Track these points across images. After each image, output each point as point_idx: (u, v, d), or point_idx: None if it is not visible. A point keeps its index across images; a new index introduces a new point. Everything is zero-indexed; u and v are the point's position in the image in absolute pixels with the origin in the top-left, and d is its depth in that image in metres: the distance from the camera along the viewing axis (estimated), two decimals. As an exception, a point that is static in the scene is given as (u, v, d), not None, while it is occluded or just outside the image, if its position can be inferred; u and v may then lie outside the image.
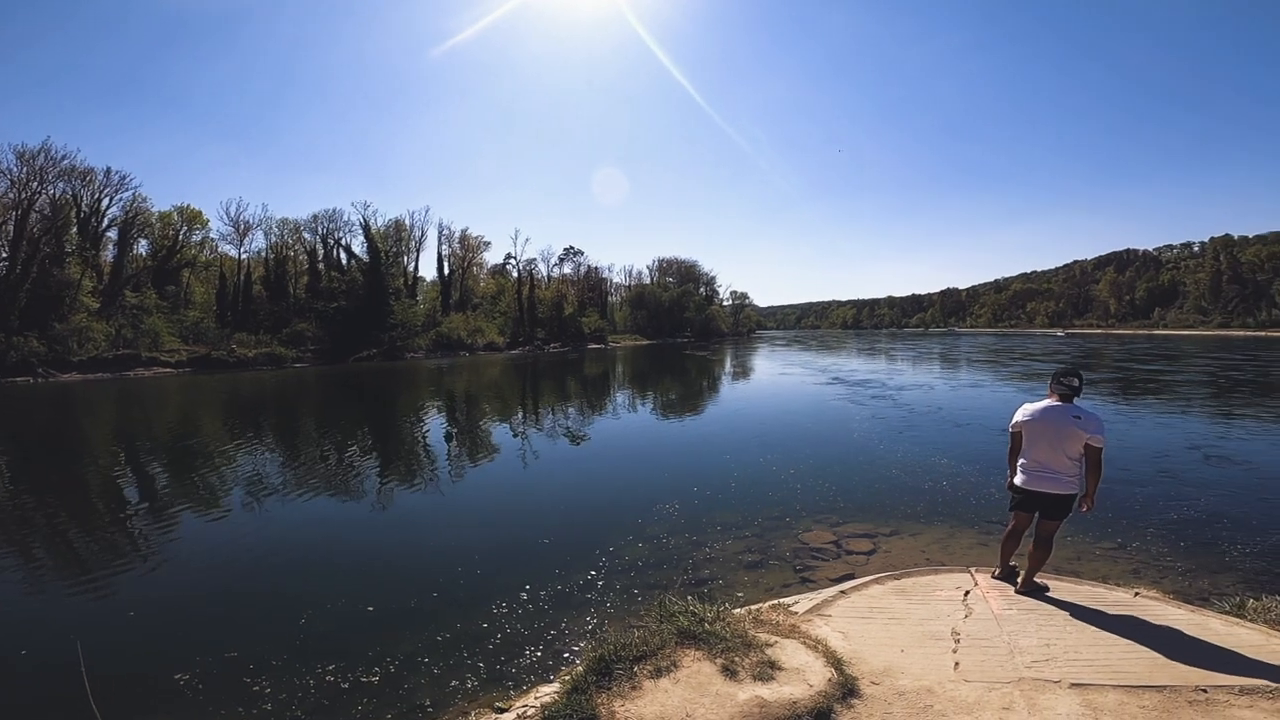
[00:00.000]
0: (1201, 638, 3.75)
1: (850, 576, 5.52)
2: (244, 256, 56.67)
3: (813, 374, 32.32)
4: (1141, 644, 3.68)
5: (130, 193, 46.52)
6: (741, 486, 9.34)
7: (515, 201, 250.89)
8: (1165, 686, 3.23)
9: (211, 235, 55.69)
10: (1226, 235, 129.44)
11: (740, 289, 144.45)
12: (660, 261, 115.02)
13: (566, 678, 3.51)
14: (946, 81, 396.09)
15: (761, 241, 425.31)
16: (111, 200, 45.72)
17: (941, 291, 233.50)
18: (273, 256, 57.60)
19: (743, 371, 37.43)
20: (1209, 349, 56.12)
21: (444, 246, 73.31)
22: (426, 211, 72.30)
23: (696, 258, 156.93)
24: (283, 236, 59.24)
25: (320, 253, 59.63)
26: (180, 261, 51.43)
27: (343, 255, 60.32)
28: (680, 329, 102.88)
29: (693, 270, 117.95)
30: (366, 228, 58.74)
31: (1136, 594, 4.51)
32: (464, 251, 77.12)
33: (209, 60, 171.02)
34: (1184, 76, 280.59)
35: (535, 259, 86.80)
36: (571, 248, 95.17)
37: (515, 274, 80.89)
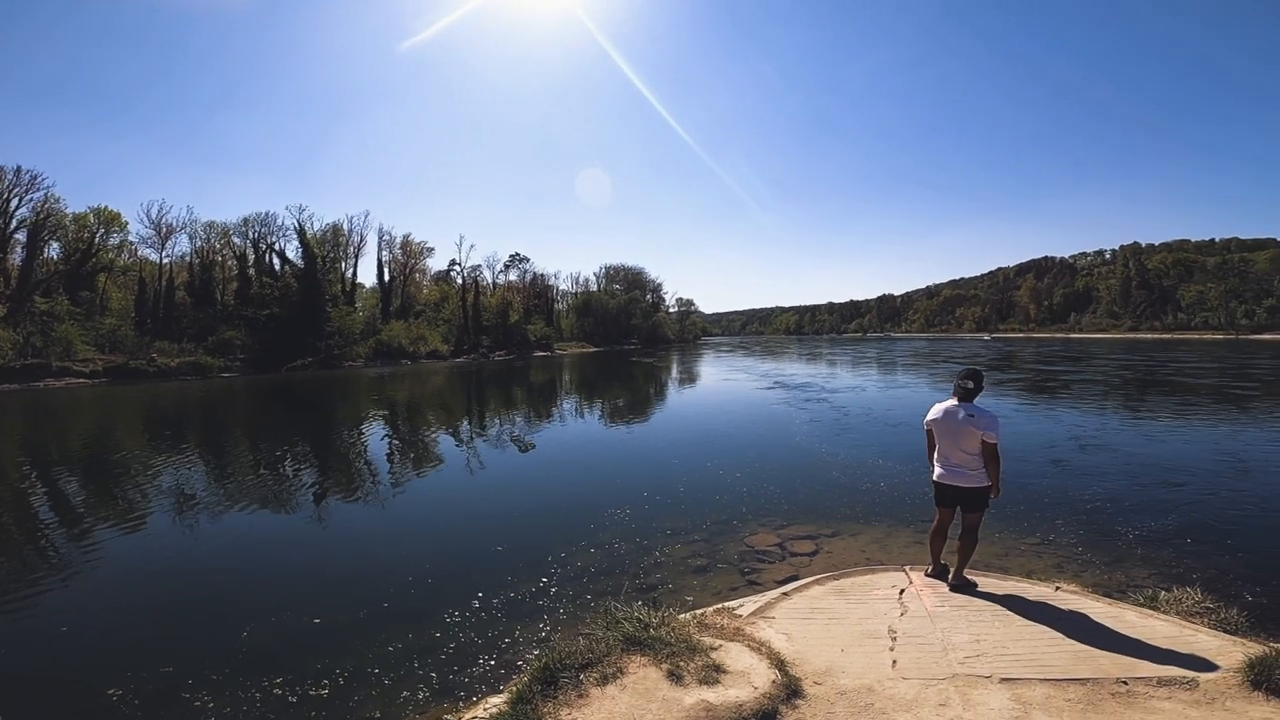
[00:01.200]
0: (1119, 630, 3.95)
1: (795, 578, 5.64)
2: (166, 261, 54.07)
3: (756, 379, 32.92)
4: (1064, 637, 3.87)
5: (42, 193, 44.01)
6: (690, 491, 9.43)
7: (461, 208, 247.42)
8: (1088, 679, 3.38)
9: (131, 238, 52.92)
10: (1135, 243, 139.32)
11: (686, 296, 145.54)
12: (607, 269, 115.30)
13: (513, 688, 3.47)
14: (883, 95, 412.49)
15: (708, 249, 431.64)
16: (21, 200, 43.02)
17: (878, 298, 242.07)
18: (198, 261, 54.96)
19: (689, 378, 37.79)
20: (1114, 351, 60.08)
21: (385, 252, 71.59)
22: (366, 216, 70.51)
23: (644, 265, 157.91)
24: (210, 240, 56.78)
25: (251, 258, 57.15)
26: (96, 266, 48.59)
27: (275, 260, 57.96)
28: (627, 336, 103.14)
29: (640, 277, 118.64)
30: (302, 232, 56.72)
31: (1058, 588, 4.75)
32: (406, 258, 75.50)
33: (134, 52, 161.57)
34: (1103, 88, 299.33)
35: (480, 266, 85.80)
36: (517, 254, 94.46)
37: (460, 281, 79.56)
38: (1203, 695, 3.20)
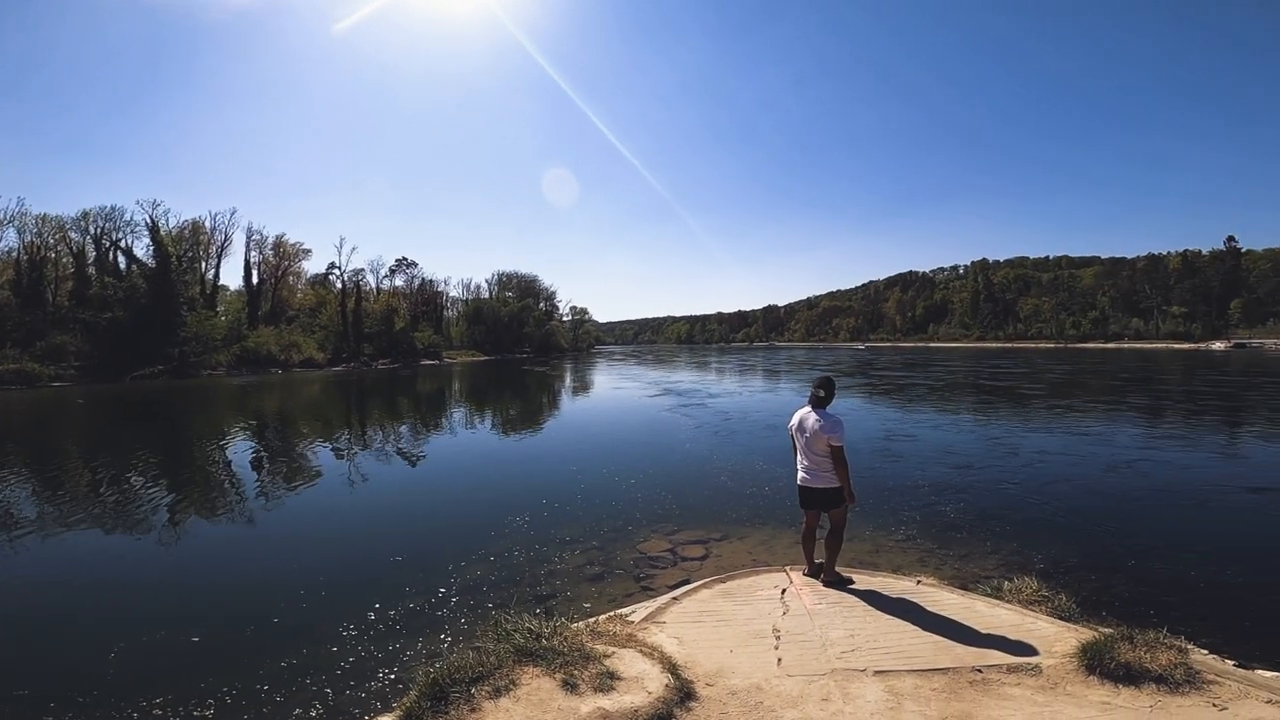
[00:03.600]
0: (972, 620, 4.31)
1: (686, 581, 5.76)
2: (-14, 256, 46.96)
3: (649, 387, 33.48)
4: (926, 629, 4.19)
5: None
6: (587, 498, 9.51)
7: (349, 211, 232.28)
8: (949, 669, 3.67)
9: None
10: (984, 259, 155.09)
11: (581, 304, 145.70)
12: (500, 275, 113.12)
13: (402, 706, 3.34)
14: (771, 112, 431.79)
15: (604, 258, 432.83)
16: None
17: (764, 308, 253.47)
18: (26, 258, 48.22)
19: (583, 386, 37.78)
20: (952, 359, 66.62)
21: (253, 253, 66.22)
22: (233, 214, 64.70)
23: (537, 272, 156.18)
24: (42, 235, 49.96)
25: (92, 255, 51.03)
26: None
27: (121, 259, 52.08)
28: (519, 344, 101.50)
29: (533, 285, 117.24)
30: (154, 229, 51.40)
31: (919, 582, 5.15)
32: (278, 259, 70.29)
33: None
34: (968, 111, 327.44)
35: (363, 269, 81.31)
36: (404, 259, 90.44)
37: (340, 285, 75.00)
38: (1046, 681, 3.52)
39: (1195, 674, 3.46)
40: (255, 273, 66.52)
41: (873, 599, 4.71)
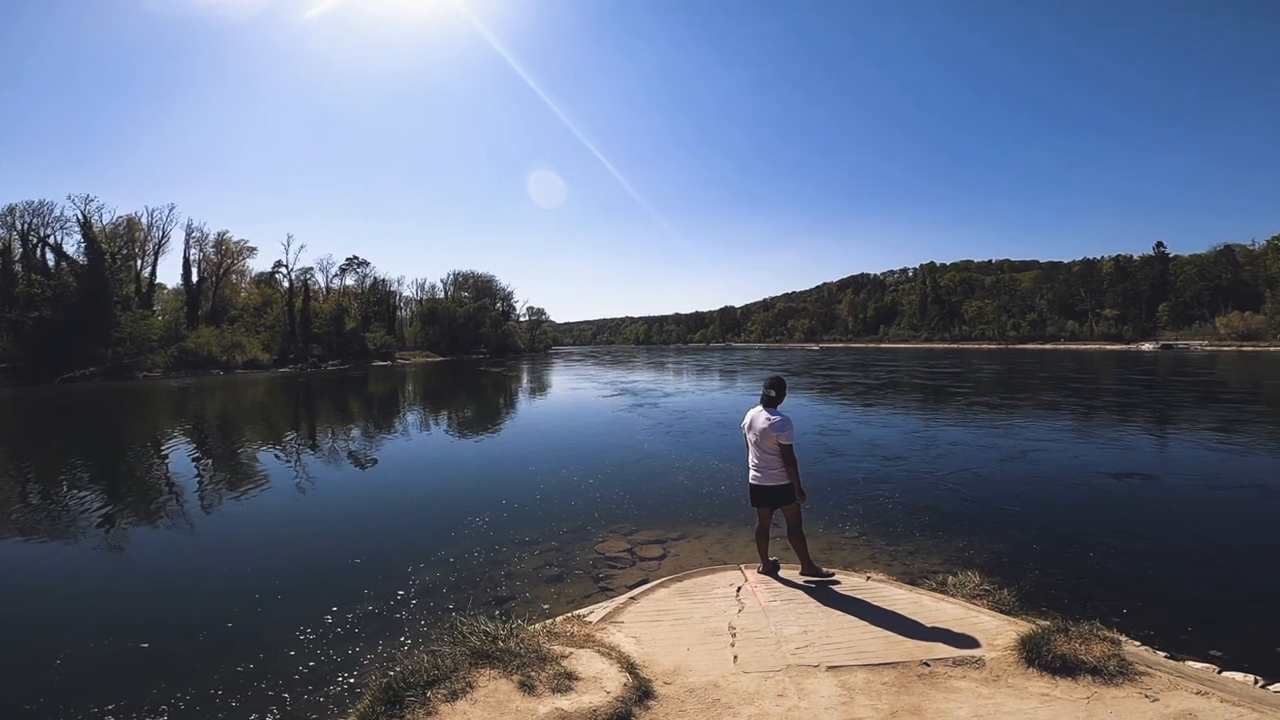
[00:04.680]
0: (919, 614, 4.45)
1: (644, 581, 5.80)
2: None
3: (606, 387, 33.44)
4: (876, 624, 4.31)
5: None
6: (546, 498, 9.50)
7: (295, 208, 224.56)
8: (898, 663, 3.78)
9: None
10: (931, 263, 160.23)
11: (538, 305, 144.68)
12: (455, 275, 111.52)
13: (356, 712, 3.30)
14: (733, 115, 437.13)
15: (561, 259, 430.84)
16: None
17: (720, 309, 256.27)
18: (-58, 253, 45.26)
19: (541, 387, 37.47)
20: (908, 358, 68.94)
21: (193, 250, 63.70)
22: (171, 210, 61.90)
23: (494, 272, 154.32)
24: (-38, 230, 46.87)
25: (18, 251, 48.13)
26: None
27: (50, 256, 49.34)
28: (475, 345, 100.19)
29: (490, 285, 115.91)
30: (86, 225, 48.88)
31: (869, 578, 5.30)
32: (220, 257, 67.72)
33: None
34: (920, 113, 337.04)
35: (312, 268, 79.22)
36: (355, 257, 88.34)
37: (287, 283, 72.66)
38: (989, 674, 3.66)
39: (1128, 665, 3.62)
40: (195, 270, 64.18)
41: (825, 595, 4.83)
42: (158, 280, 64.35)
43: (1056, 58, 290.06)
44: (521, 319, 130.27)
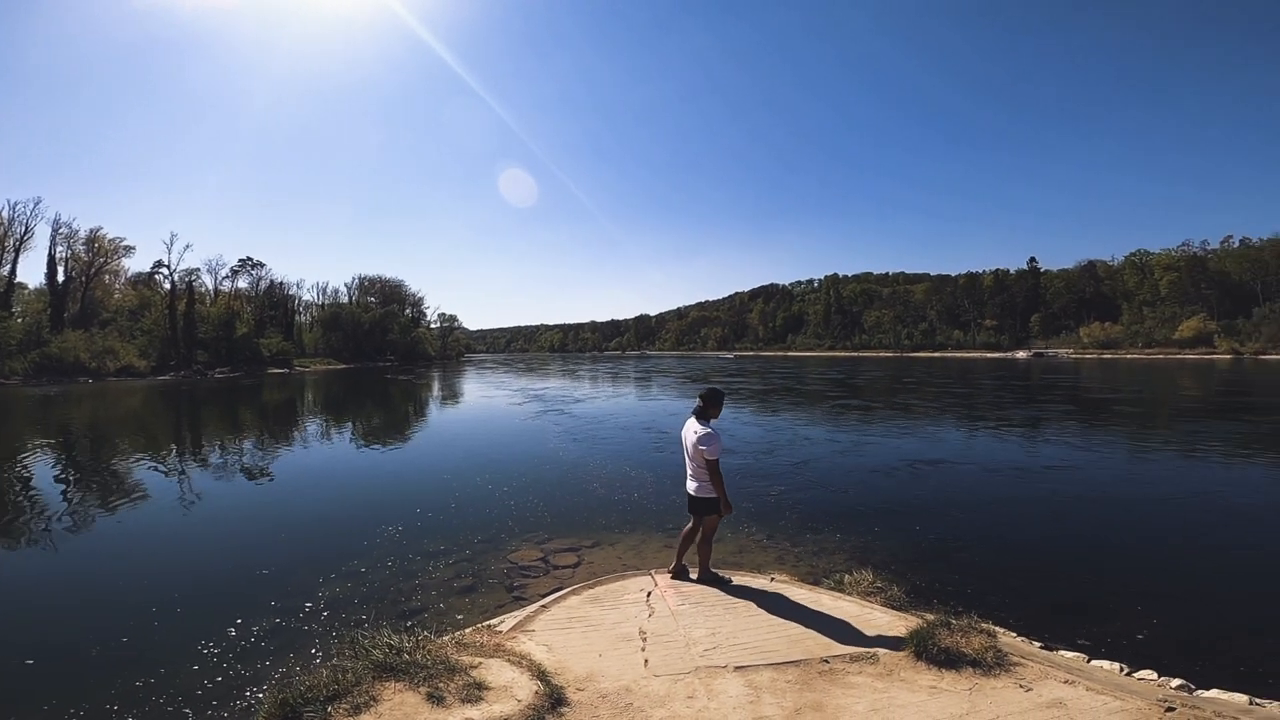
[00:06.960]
0: (819, 613, 4.68)
1: (558, 589, 5.80)
2: None
3: (520, 395, 33.11)
4: (780, 624, 4.51)
5: None
6: (460, 508, 9.35)
7: (183, 206, 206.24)
8: (800, 661, 3.97)
9: None
10: (834, 274, 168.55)
11: (450, 311, 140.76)
12: (361, 279, 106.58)
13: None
14: (652, 124, 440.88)
15: (475, 266, 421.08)
16: None
17: (636, 318, 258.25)
18: None
19: (452, 395, 36.52)
20: (814, 365, 72.61)
21: (60, 247, 57.62)
22: (36, 204, 55.50)
23: (403, 277, 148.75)
24: None
25: None
26: None
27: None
28: (382, 352, 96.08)
29: (398, 290, 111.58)
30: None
31: (773, 579, 5.54)
32: (92, 255, 61.71)
33: None
34: (830, 125, 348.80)
35: (199, 269, 73.47)
36: (249, 258, 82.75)
37: (169, 285, 67.01)
38: (883, 669, 3.90)
39: (1004, 656, 3.95)
40: (62, 269, 58.05)
41: (731, 597, 5.01)
42: (18, 279, 57.91)
43: (963, 71, 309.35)
44: (433, 325, 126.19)
